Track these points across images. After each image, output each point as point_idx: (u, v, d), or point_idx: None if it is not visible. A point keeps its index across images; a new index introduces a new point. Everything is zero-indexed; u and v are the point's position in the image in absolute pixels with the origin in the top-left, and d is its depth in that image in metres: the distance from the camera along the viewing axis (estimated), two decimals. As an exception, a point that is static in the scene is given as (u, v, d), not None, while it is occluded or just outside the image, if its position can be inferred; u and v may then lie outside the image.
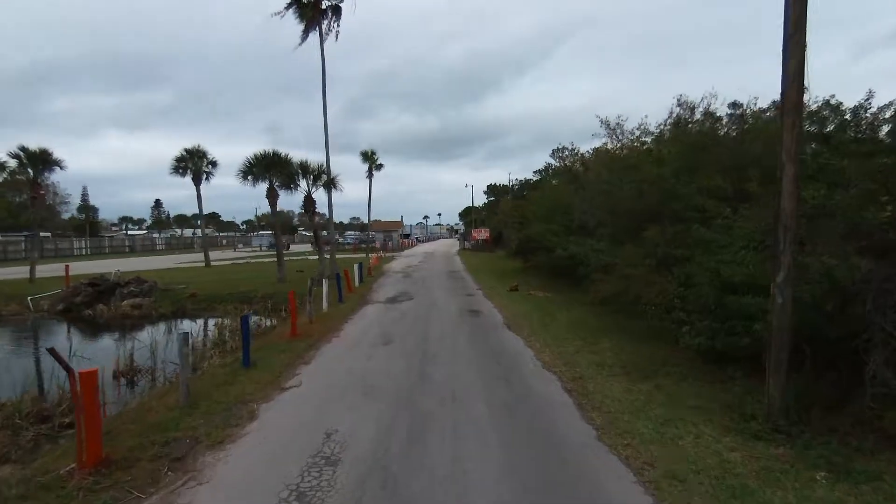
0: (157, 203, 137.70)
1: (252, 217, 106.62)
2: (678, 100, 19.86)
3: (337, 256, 40.67)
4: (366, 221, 58.16)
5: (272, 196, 23.40)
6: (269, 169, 23.08)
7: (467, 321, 12.23)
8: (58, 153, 25.11)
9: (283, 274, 23.96)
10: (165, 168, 33.54)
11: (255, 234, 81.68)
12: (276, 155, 22.90)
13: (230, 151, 43.46)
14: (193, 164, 33.94)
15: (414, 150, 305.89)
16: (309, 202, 22.36)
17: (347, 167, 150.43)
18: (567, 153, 52.91)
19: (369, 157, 46.17)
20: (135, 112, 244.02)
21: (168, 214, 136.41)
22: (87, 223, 79.18)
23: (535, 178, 52.01)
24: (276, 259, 24.75)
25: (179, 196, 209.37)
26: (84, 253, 60.44)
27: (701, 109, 19.40)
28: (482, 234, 54.67)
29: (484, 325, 11.78)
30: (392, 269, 29.94)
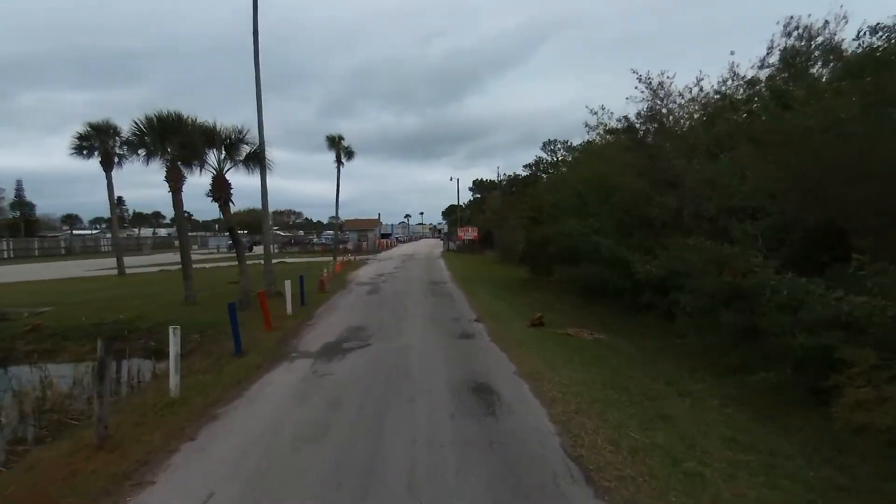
0: (120, 200, 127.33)
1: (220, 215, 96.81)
2: (785, 27, 13.11)
3: (297, 261, 33.10)
4: (343, 220, 50.61)
5: (174, 177, 15.86)
6: (167, 138, 15.60)
7: (477, 452, 5.08)
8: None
9: (190, 292, 16.45)
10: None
11: (215, 234, 73.15)
12: (176, 117, 15.44)
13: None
14: (101, 143, 26.21)
15: (395, 149, 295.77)
16: (219, 185, 14.82)
17: (326, 166, 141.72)
18: (559, 146, 46.26)
19: (336, 143, 38.47)
20: (108, 108, 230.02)
21: (133, 213, 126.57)
22: (22, 222, 69.87)
23: (525, 174, 45.40)
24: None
25: (162, 194, 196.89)
26: (6, 256, 51.74)
27: (821, 39, 12.80)
28: (469, 233, 47.67)
29: (520, 469, 4.66)
30: (357, 278, 22.66)
